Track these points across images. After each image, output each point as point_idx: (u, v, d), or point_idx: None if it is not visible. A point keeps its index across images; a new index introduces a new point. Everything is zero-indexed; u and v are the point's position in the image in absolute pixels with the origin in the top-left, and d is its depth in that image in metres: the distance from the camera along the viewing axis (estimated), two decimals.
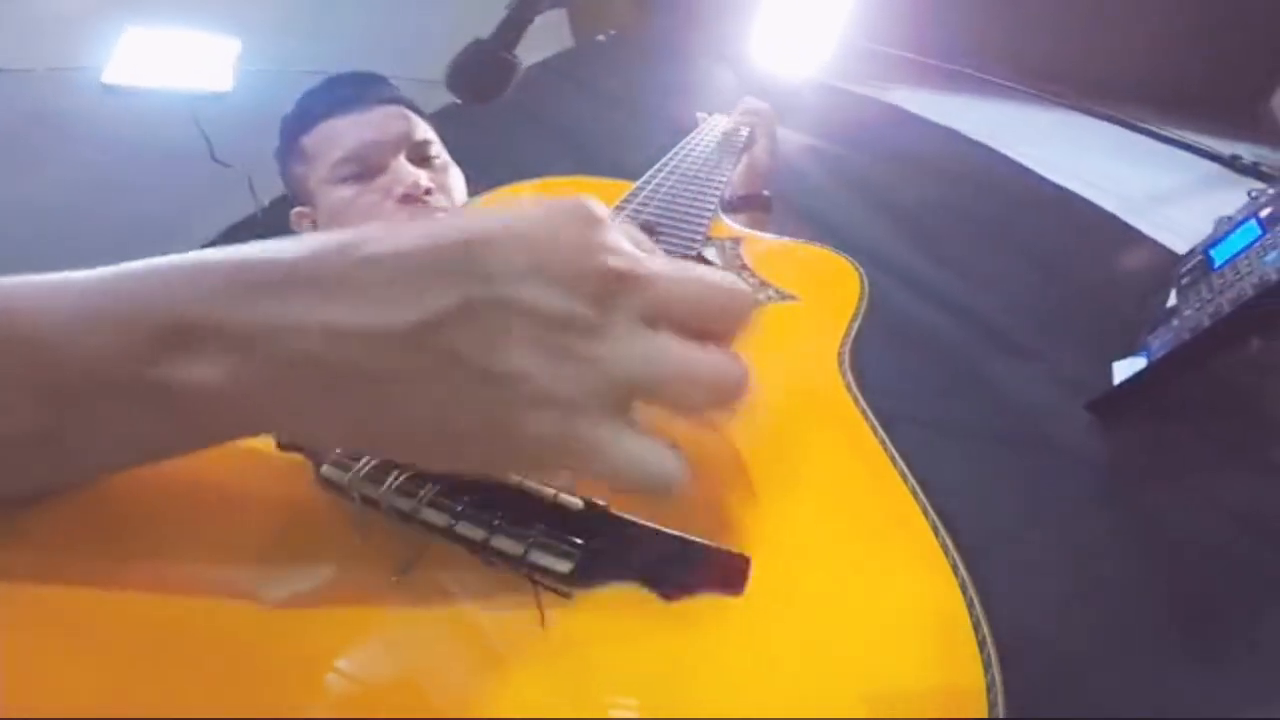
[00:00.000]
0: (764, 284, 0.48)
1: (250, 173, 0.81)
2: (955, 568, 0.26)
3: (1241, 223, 0.71)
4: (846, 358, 0.40)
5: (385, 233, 0.20)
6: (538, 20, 0.56)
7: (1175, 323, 0.67)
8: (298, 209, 0.66)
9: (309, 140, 0.64)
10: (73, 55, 0.78)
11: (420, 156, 0.63)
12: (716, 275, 0.22)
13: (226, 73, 0.86)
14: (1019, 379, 0.76)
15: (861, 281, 0.49)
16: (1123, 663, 0.50)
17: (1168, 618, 0.54)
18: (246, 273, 0.20)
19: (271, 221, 0.82)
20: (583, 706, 0.21)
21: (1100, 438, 0.68)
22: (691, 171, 0.61)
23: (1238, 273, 0.64)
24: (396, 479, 0.26)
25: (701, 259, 0.49)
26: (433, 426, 0.20)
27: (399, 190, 0.59)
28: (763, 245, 0.55)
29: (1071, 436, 0.69)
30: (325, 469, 0.27)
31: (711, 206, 0.54)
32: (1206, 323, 0.61)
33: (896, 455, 0.32)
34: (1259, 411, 0.68)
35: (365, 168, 0.61)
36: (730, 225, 0.60)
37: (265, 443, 0.27)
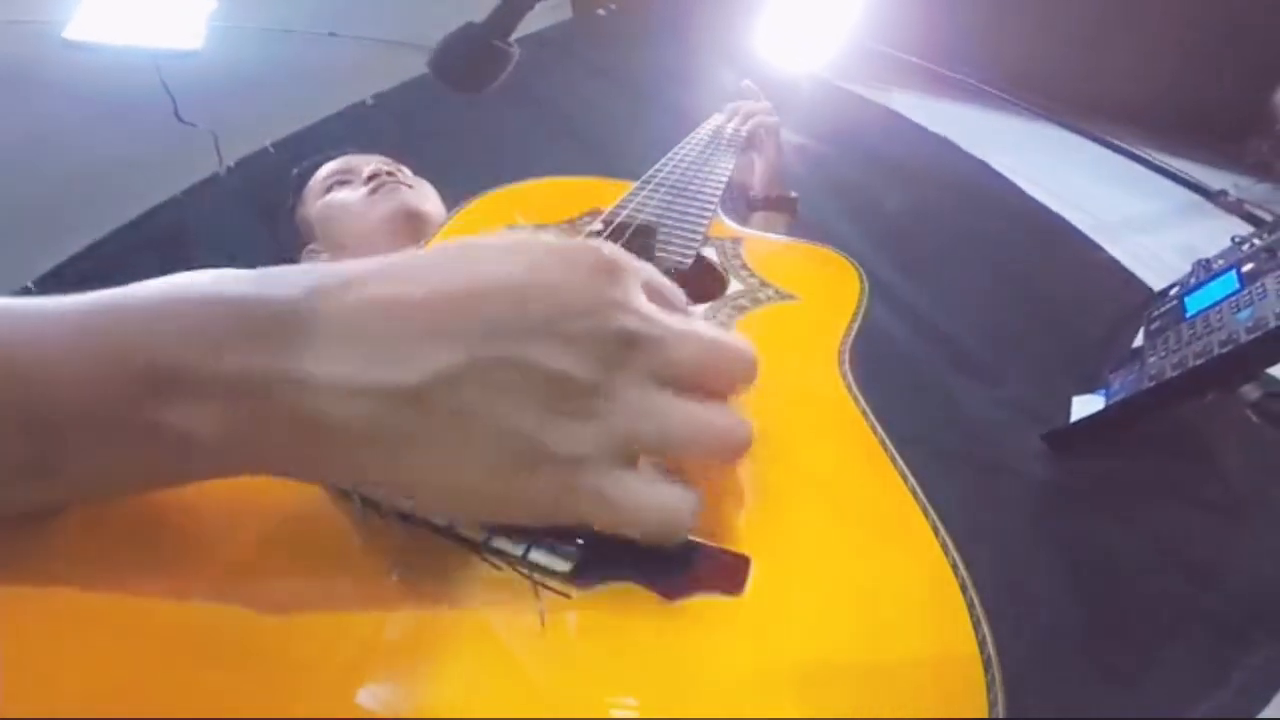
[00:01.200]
0: (764, 283, 0.48)
1: (216, 132, 0.77)
2: (955, 567, 0.26)
3: (1221, 273, 0.71)
4: (846, 357, 0.40)
5: (389, 275, 0.20)
6: None
7: (1139, 367, 0.68)
8: (308, 247, 0.73)
9: (307, 186, 0.74)
10: (34, 8, 0.73)
11: (392, 168, 0.72)
12: (724, 336, 0.23)
13: (197, 30, 0.81)
14: (978, 399, 0.78)
15: (861, 281, 0.49)
16: (1040, 678, 0.52)
17: (1086, 640, 0.57)
18: (237, 314, 0.19)
19: (234, 182, 0.79)
20: (582, 706, 0.21)
21: (1049, 464, 0.71)
22: (691, 171, 0.60)
23: (1209, 325, 0.64)
24: None
25: (701, 259, 0.49)
26: (436, 480, 0.20)
27: (365, 173, 0.68)
28: (763, 245, 0.55)
29: (1022, 460, 0.71)
30: None
31: (711, 206, 0.54)
32: (1169, 374, 0.62)
33: (897, 455, 0.32)
34: (1200, 452, 0.71)
35: (345, 177, 0.71)
36: (730, 225, 0.60)
37: None
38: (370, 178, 0.67)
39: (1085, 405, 0.71)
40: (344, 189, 0.69)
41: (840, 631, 0.24)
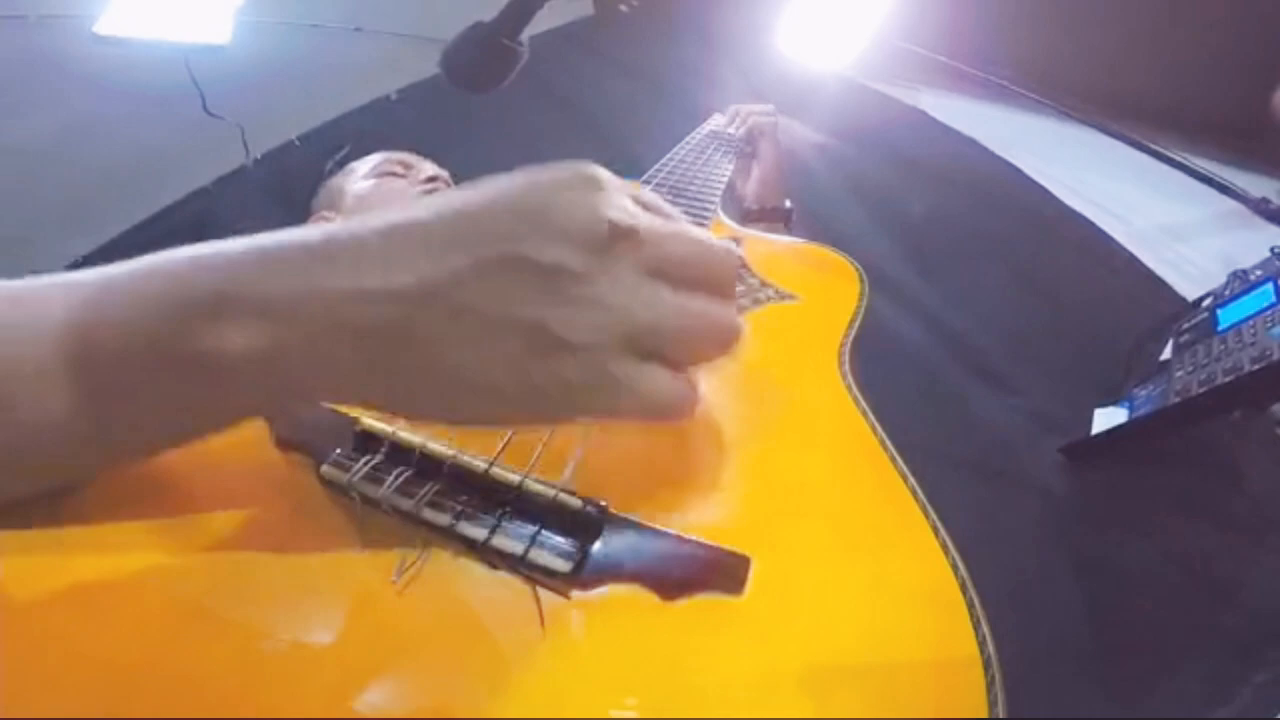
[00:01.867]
0: (764, 283, 0.48)
1: (244, 125, 0.79)
2: (955, 567, 0.26)
3: (1257, 285, 0.68)
4: (846, 356, 0.40)
5: (398, 210, 0.22)
6: None
7: (1165, 381, 0.66)
8: (321, 213, 0.74)
9: (358, 162, 0.76)
10: (66, 2, 0.75)
11: (448, 180, 0.76)
12: (706, 234, 0.24)
13: (225, 25, 0.83)
14: (996, 408, 0.76)
15: (861, 281, 0.49)
16: (1044, 685, 0.51)
17: (1094, 649, 0.56)
18: (276, 251, 0.21)
19: (262, 174, 0.80)
20: (582, 706, 0.21)
21: (1066, 475, 0.69)
22: (691, 171, 0.60)
23: (1240, 341, 0.62)
24: (396, 479, 0.26)
25: None
26: (454, 380, 0.21)
27: (422, 176, 0.71)
28: (763, 245, 0.55)
29: (1038, 469, 0.69)
30: (325, 469, 0.27)
31: (712, 206, 0.54)
32: (1196, 390, 0.60)
33: (896, 454, 0.32)
34: (1224, 469, 0.69)
35: (402, 170, 0.73)
36: (730, 225, 0.59)
37: (266, 443, 0.28)
38: (430, 179, 0.70)
39: (1107, 418, 0.69)
40: (397, 180, 0.71)
41: (839, 631, 0.24)
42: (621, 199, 0.22)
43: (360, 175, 0.72)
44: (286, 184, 0.78)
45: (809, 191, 0.91)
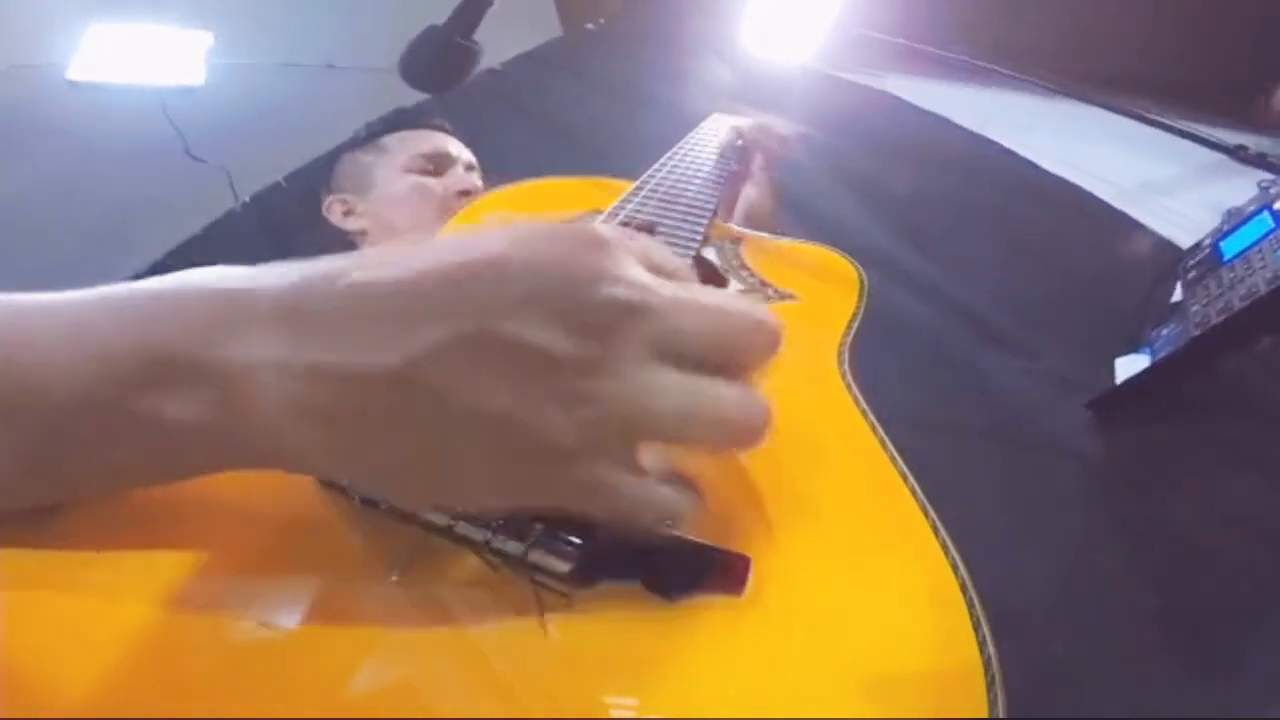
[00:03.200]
0: (764, 283, 0.48)
1: (227, 168, 0.79)
2: (955, 567, 0.26)
3: (1253, 215, 0.69)
4: (846, 357, 0.40)
5: (373, 261, 0.20)
6: (525, 7, 0.53)
7: (1182, 319, 0.65)
8: (337, 195, 0.73)
9: (391, 139, 0.75)
10: (37, 52, 0.76)
11: (469, 171, 0.77)
12: (741, 304, 0.21)
13: (197, 67, 0.84)
14: (1013, 374, 0.75)
15: (860, 280, 0.49)
16: (1106, 663, 0.49)
17: (1157, 620, 0.53)
18: (230, 305, 0.19)
19: (251, 217, 0.80)
20: (582, 706, 0.21)
21: (1097, 436, 0.67)
22: (691, 171, 0.60)
23: (1249, 267, 0.62)
24: None
25: (701, 260, 0.48)
26: (414, 467, 0.19)
27: (457, 188, 0.70)
28: (762, 245, 0.56)
29: (1068, 434, 0.67)
30: None
31: (711, 206, 0.54)
32: (1215, 319, 0.60)
33: (896, 454, 0.32)
34: (1262, 410, 0.67)
35: (436, 168, 0.73)
36: (730, 225, 0.59)
37: None
38: (463, 193, 0.70)
39: (1130, 365, 0.68)
40: (431, 179, 0.71)
41: (838, 631, 0.24)
42: (628, 265, 0.19)
43: (393, 168, 0.70)
44: (277, 226, 0.77)
45: (799, 185, 0.92)
